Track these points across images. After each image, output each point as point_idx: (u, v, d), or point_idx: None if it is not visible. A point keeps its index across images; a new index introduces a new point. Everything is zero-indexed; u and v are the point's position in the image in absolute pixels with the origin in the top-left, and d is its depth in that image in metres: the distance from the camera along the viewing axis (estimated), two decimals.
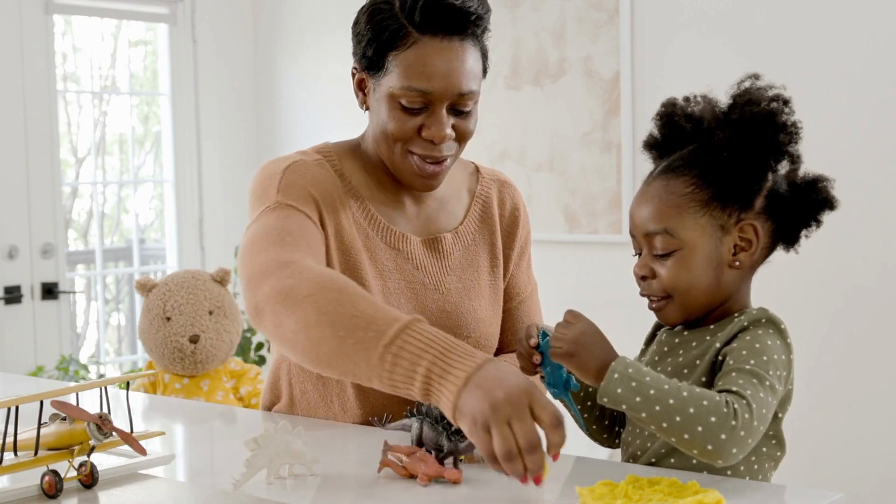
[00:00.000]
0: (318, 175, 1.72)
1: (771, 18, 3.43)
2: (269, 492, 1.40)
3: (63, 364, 4.06)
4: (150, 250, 4.97)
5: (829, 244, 3.29)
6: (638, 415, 1.36)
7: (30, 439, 1.41)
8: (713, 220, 1.49)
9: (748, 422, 1.33)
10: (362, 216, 1.75)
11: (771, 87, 1.51)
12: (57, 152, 4.27)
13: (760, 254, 1.52)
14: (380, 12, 1.66)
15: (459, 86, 1.65)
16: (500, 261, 1.86)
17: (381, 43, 1.65)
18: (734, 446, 1.33)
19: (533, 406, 1.27)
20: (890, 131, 3.23)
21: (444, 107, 1.66)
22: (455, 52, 1.65)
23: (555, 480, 1.50)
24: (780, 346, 1.45)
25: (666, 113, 1.57)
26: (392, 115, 1.67)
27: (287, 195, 1.66)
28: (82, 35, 4.66)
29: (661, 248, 1.50)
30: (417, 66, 1.63)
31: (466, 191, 1.88)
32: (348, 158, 1.79)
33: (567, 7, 3.84)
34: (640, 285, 1.54)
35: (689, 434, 1.33)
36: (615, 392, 1.37)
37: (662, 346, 1.56)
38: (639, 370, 1.38)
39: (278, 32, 4.63)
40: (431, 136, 1.66)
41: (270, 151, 4.65)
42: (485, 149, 4.06)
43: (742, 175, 1.48)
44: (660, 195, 1.51)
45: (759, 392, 1.37)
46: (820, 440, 3.32)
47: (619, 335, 1.81)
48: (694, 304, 1.51)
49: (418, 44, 1.64)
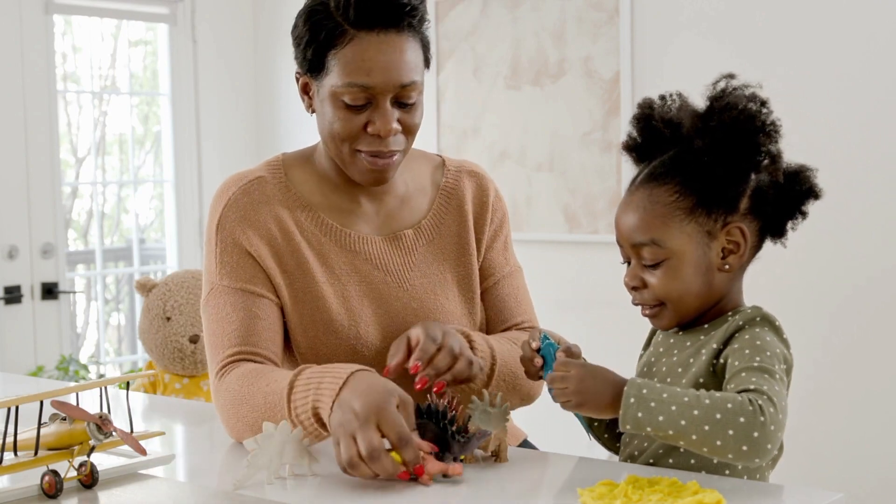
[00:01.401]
0: (252, 210, 1.75)
1: (771, 18, 3.43)
2: (269, 492, 1.40)
3: (63, 364, 4.06)
4: (150, 250, 4.97)
5: (828, 244, 3.29)
6: (664, 433, 1.35)
7: (30, 439, 1.41)
8: (699, 227, 1.48)
9: (774, 416, 1.33)
10: (313, 225, 1.76)
11: (747, 86, 1.50)
12: (57, 152, 4.27)
13: (749, 253, 1.52)
14: (316, 13, 1.67)
15: (400, 77, 1.66)
16: (472, 249, 1.85)
17: (319, 43, 1.66)
18: (768, 442, 1.32)
19: (380, 424, 1.40)
20: (889, 130, 3.23)
21: (387, 100, 1.67)
22: (393, 45, 1.65)
23: (555, 480, 1.51)
24: (778, 342, 1.45)
25: (643, 115, 1.56)
26: (337, 115, 1.69)
27: (223, 271, 1.73)
28: (82, 35, 4.66)
29: (650, 258, 1.49)
30: (356, 61, 1.64)
31: (431, 184, 1.87)
32: (299, 168, 1.81)
33: (567, 7, 3.84)
34: (632, 295, 1.54)
35: (721, 440, 1.32)
36: (636, 417, 1.36)
37: (658, 347, 1.57)
38: (653, 389, 1.37)
39: (278, 32, 4.63)
40: (377, 130, 1.67)
41: (270, 151, 4.64)
42: (485, 149, 4.06)
43: (724, 180, 1.48)
44: (644, 205, 1.51)
45: (775, 385, 1.37)
46: (820, 440, 3.32)
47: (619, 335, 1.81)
48: (687, 310, 1.51)
49: (355, 40, 1.64)
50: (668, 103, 1.55)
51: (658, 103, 1.56)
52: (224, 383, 1.66)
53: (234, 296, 1.72)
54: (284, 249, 1.74)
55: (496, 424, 1.49)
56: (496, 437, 1.51)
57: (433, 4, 4.11)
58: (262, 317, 1.71)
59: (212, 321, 1.73)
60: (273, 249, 1.74)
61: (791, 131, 1.55)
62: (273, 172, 1.80)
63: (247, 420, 1.60)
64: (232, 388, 1.64)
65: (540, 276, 2.01)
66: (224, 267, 1.74)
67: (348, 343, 1.73)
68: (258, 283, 1.72)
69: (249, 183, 1.78)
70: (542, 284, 2.04)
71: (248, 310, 1.71)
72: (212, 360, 1.71)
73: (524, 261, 1.98)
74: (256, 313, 1.71)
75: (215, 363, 1.70)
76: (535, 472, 1.52)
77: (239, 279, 1.72)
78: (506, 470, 1.49)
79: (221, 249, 1.75)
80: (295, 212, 1.76)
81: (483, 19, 4.02)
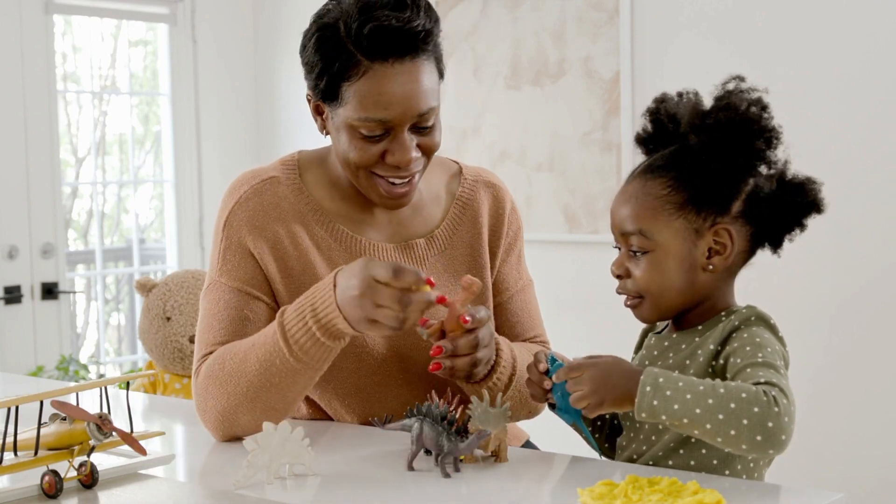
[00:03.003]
0: (261, 211, 1.73)
1: (771, 18, 3.43)
2: (269, 492, 1.40)
3: (63, 364, 4.06)
4: (150, 250, 4.97)
5: (829, 245, 3.29)
6: (679, 421, 1.35)
7: (30, 439, 1.41)
8: (687, 224, 1.49)
9: (787, 406, 1.33)
10: (324, 230, 1.75)
11: (753, 89, 1.50)
12: (57, 152, 4.27)
13: (739, 257, 1.52)
14: (326, 40, 1.63)
15: (418, 107, 1.62)
16: (484, 261, 1.83)
17: (332, 74, 1.62)
18: (782, 432, 1.32)
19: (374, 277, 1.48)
20: (889, 132, 3.23)
21: (405, 130, 1.63)
22: (409, 75, 1.61)
23: (555, 480, 1.51)
24: (775, 340, 1.46)
25: (654, 109, 1.58)
26: (353, 145, 1.65)
27: (223, 268, 1.73)
28: (82, 35, 4.66)
29: (637, 247, 1.51)
30: (372, 95, 1.60)
31: (446, 193, 1.85)
32: (314, 170, 1.79)
33: (567, 7, 3.84)
34: (617, 283, 1.55)
35: (736, 430, 1.32)
36: (651, 405, 1.36)
37: (652, 349, 1.56)
38: (669, 377, 1.37)
39: (278, 32, 4.63)
40: (396, 161, 1.64)
41: (270, 151, 4.65)
42: (485, 149, 4.06)
43: (717, 179, 1.48)
44: (637, 196, 1.52)
45: (783, 379, 1.37)
46: (820, 440, 3.32)
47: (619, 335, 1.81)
48: (667, 305, 1.52)
49: (370, 72, 1.60)
50: (682, 100, 1.55)
51: (670, 99, 1.56)
52: (201, 369, 1.68)
53: (229, 294, 1.72)
54: (291, 254, 1.73)
55: (496, 424, 1.49)
56: (496, 437, 1.51)
57: (433, 5, 4.11)
58: (252, 319, 1.71)
59: (204, 315, 1.74)
60: (278, 253, 1.73)
61: (790, 132, 1.55)
62: (287, 173, 1.78)
63: (238, 386, 1.61)
64: (211, 368, 1.65)
65: (540, 276, 2.01)
66: (225, 264, 1.74)
67: (353, 350, 1.73)
68: (255, 285, 1.72)
69: (262, 182, 1.76)
70: (543, 284, 2.04)
71: (240, 310, 1.71)
72: (195, 355, 1.73)
73: None
74: (247, 315, 1.71)
75: (196, 359, 1.71)
76: (535, 472, 1.52)
77: (237, 279, 1.72)
78: (506, 470, 1.49)
79: (225, 247, 1.74)
80: (306, 216, 1.75)
81: (483, 19, 4.02)
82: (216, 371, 1.64)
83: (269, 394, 1.61)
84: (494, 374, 1.66)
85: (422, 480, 1.44)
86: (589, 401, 1.41)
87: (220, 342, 1.69)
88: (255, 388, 1.60)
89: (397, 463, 1.51)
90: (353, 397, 1.77)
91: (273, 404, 1.62)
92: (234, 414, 1.63)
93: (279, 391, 1.61)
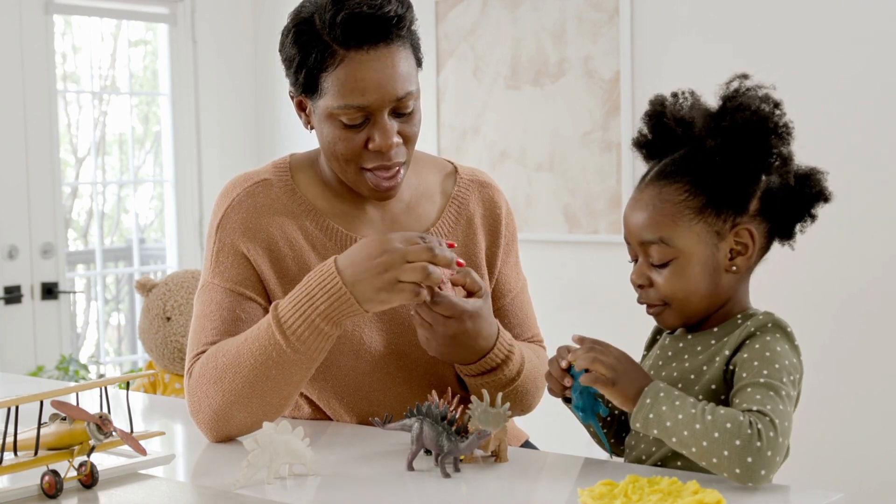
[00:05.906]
0: (254, 214, 1.75)
1: (771, 19, 3.43)
2: (269, 492, 1.40)
3: (63, 364, 4.06)
4: (150, 250, 4.97)
5: (829, 244, 3.29)
6: (669, 440, 1.36)
7: (30, 439, 1.41)
8: (708, 227, 1.48)
9: (773, 440, 1.32)
10: (318, 230, 1.76)
11: (760, 87, 1.50)
12: (57, 152, 4.27)
13: (757, 255, 1.52)
14: (302, 33, 1.66)
15: (395, 91, 1.64)
16: (480, 261, 1.84)
17: (310, 66, 1.65)
18: (762, 468, 1.32)
19: (397, 239, 1.54)
20: (890, 131, 3.23)
21: (384, 115, 1.65)
22: (384, 60, 1.63)
23: (555, 480, 1.50)
24: (789, 351, 1.44)
25: (655, 113, 1.56)
26: (336, 135, 1.67)
27: (216, 270, 1.74)
28: (82, 35, 4.66)
29: (658, 257, 1.49)
30: (349, 82, 1.63)
31: (440, 192, 1.86)
32: (306, 171, 1.81)
33: (567, 7, 3.84)
34: (637, 293, 1.53)
35: (717, 458, 1.33)
36: (647, 417, 1.37)
37: (666, 350, 1.55)
38: (670, 394, 1.37)
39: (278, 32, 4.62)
40: (378, 146, 1.66)
41: (270, 151, 4.65)
42: (485, 149, 4.06)
43: (735, 181, 1.47)
44: (654, 203, 1.50)
45: (779, 405, 1.36)
46: (820, 440, 3.32)
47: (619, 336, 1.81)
48: (692, 310, 1.50)
49: (346, 60, 1.63)
50: (679, 101, 1.54)
51: (670, 101, 1.55)
52: (194, 369, 1.68)
53: (222, 294, 1.73)
54: (286, 254, 1.74)
55: (496, 424, 1.49)
56: (496, 437, 1.51)
57: (433, 4, 4.11)
58: (245, 319, 1.71)
59: (197, 316, 1.76)
60: (273, 254, 1.74)
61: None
62: (279, 175, 1.79)
63: (233, 382, 1.61)
64: (204, 366, 1.66)
65: (540, 276, 2.01)
66: (218, 266, 1.75)
67: (350, 349, 1.73)
68: (248, 285, 1.73)
69: (254, 185, 1.78)
70: (542, 284, 2.04)
71: (232, 310, 1.72)
72: (187, 355, 1.73)
73: (524, 261, 1.98)
74: (240, 315, 1.71)
75: (188, 360, 1.72)
76: (535, 472, 1.52)
77: (229, 279, 1.73)
78: (506, 470, 1.49)
79: (218, 249, 1.75)
80: (299, 217, 1.76)
81: (483, 19, 4.02)
82: (209, 369, 1.65)
83: (264, 388, 1.60)
84: (506, 366, 1.69)
85: (422, 480, 1.44)
86: (606, 374, 1.41)
87: (213, 342, 1.70)
88: (250, 383, 1.60)
89: (397, 463, 1.51)
90: (352, 397, 1.77)
91: (269, 399, 1.62)
92: (229, 411, 1.63)
93: (275, 385, 1.61)
